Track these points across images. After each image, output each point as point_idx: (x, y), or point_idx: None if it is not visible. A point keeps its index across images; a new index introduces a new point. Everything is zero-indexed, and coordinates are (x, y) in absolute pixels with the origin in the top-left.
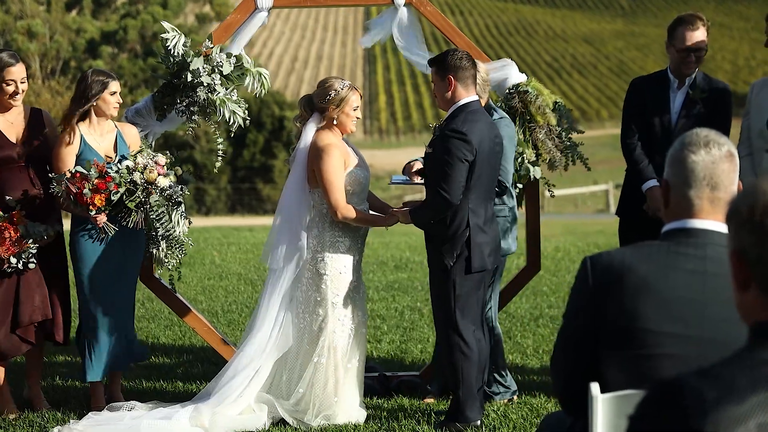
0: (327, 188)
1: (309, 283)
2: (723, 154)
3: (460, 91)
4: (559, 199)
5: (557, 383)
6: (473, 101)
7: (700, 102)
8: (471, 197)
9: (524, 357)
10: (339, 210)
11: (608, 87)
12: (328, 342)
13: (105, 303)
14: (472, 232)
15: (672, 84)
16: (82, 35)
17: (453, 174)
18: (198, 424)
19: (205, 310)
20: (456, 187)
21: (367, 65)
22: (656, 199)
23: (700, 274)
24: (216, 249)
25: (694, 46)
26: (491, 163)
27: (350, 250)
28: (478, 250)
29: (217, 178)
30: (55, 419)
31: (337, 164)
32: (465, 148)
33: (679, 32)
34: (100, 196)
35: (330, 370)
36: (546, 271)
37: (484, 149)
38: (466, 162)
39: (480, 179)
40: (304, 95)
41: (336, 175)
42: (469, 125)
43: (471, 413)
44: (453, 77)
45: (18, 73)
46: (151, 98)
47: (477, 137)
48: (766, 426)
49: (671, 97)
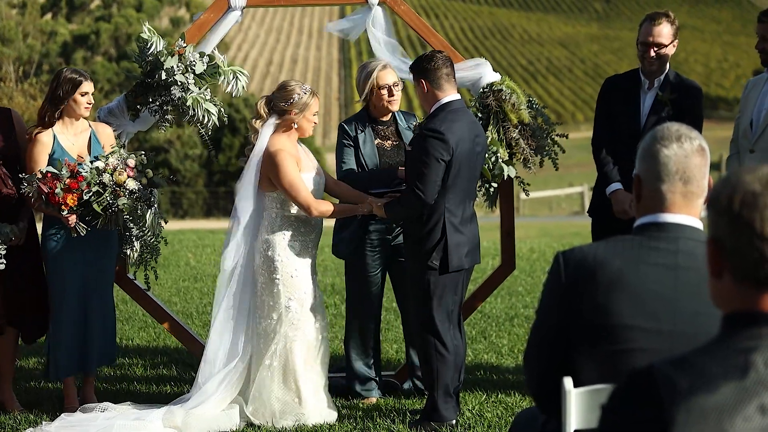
0: (291, 191)
1: (262, 288)
2: (695, 147)
3: (435, 92)
4: (535, 202)
5: (531, 380)
6: (454, 100)
7: (669, 104)
8: (448, 197)
9: (499, 357)
10: (312, 207)
11: (583, 90)
12: (281, 346)
13: (76, 304)
14: (448, 232)
15: (643, 84)
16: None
17: (428, 173)
18: (171, 425)
19: (180, 311)
20: (431, 186)
21: (342, 69)
22: (620, 202)
23: (672, 268)
24: (191, 251)
25: (654, 41)
26: (470, 163)
27: (302, 254)
28: (455, 250)
29: (193, 182)
30: (27, 421)
31: (292, 166)
32: (441, 148)
33: (643, 27)
34: (72, 195)
35: (287, 374)
36: (521, 271)
37: (463, 149)
38: (443, 162)
39: (457, 179)
40: (263, 96)
41: (294, 176)
42: (447, 125)
43: (446, 412)
44: (424, 80)
45: None
46: (123, 98)
47: (455, 137)
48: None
49: (641, 97)
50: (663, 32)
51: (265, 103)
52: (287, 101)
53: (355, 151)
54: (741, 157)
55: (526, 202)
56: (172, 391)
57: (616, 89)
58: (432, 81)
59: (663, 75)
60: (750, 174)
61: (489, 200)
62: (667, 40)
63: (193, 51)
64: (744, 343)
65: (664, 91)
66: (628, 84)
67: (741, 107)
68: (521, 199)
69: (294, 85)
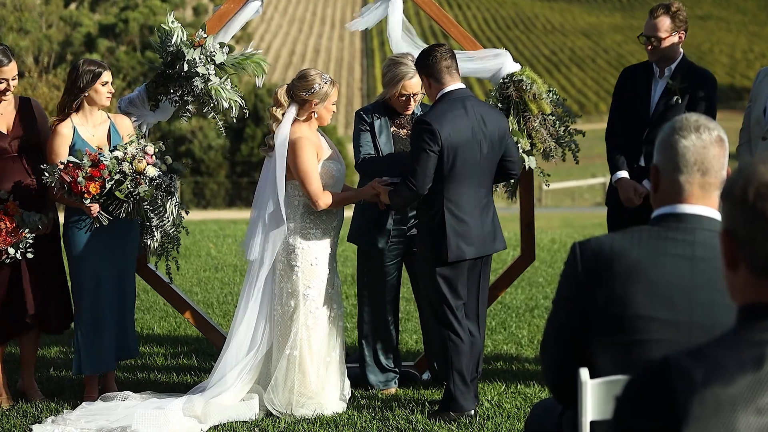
0: (304, 179)
1: (281, 275)
2: (713, 138)
3: (437, 85)
4: (556, 193)
5: (547, 371)
6: (456, 89)
7: (679, 92)
8: (447, 186)
9: (519, 347)
10: (319, 199)
11: (606, 80)
12: (300, 335)
13: (99, 296)
14: (447, 222)
15: (655, 73)
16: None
17: (418, 164)
18: (191, 413)
19: (201, 301)
20: (420, 176)
21: (364, 59)
22: (625, 190)
23: (689, 259)
24: (212, 241)
25: (649, 34)
26: (471, 151)
27: (322, 242)
28: (454, 240)
29: (215, 173)
30: (48, 409)
31: (311, 156)
32: (429, 139)
33: (646, 19)
34: (95, 183)
35: (306, 364)
36: (542, 262)
37: (458, 138)
38: (431, 152)
39: (456, 167)
40: (283, 85)
41: (311, 165)
42: (437, 115)
43: (464, 402)
44: (426, 75)
45: (10, 72)
46: (144, 88)
47: (448, 127)
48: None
49: (653, 85)
50: (659, 25)
51: (286, 92)
52: (308, 90)
53: (372, 138)
54: (753, 145)
55: (549, 193)
56: (193, 381)
57: (630, 78)
58: (432, 75)
59: (675, 64)
60: (765, 164)
61: (509, 191)
62: (665, 33)
63: (213, 42)
64: (759, 335)
65: (674, 79)
66: (642, 73)
67: (752, 96)
68: (543, 189)
69: (314, 75)
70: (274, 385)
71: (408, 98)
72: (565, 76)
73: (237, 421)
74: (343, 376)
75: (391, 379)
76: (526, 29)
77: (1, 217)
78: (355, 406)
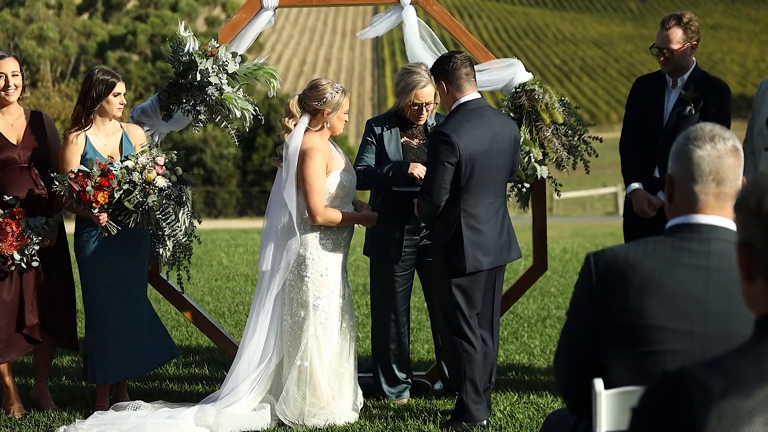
0: (308, 191)
1: (291, 285)
2: (728, 148)
3: (455, 92)
4: (568, 202)
5: (561, 381)
6: (473, 99)
7: (692, 102)
8: (464, 197)
9: (531, 357)
10: (318, 214)
11: (617, 90)
12: (310, 345)
13: (110, 305)
14: (464, 234)
15: (668, 83)
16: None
17: (434, 176)
18: (203, 423)
19: (213, 311)
20: (437, 188)
21: (375, 69)
22: (639, 202)
23: (704, 269)
24: (224, 251)
25: (662, 45)
26: (489, 162)
27: (333, 252)
28: (471, 252)
29: (227, 182)
30: (61, 419)
31: (320, 168)
32: (447, 151)
33: (658, 30)
34: (103, 193)
35: (317, 374)
36: (554, 272)
37: (476, 149)
38: (448, 164)
39: (472, 179)
40: (295, 96)
41: (317, 179)
42: (455, 126)
43: (477, 413)
44: (444, 81)
45: (6, 67)
46: (156, 98)
47: (466, 138)
48: None
49: (666, 96)
50: (671, 37)
51: (297, 102)
52: (320, 100)
53: (378, 150)
54: (756, 156)
55: (560, 202)
56: (204, 390)
57: (643, 88)
58: (451, 82)
59: (687, 73)
60: None
61: (521, 200)
62: (677, 44)
63: (225, 51)
64: None
65: (687, 89)
66: (654, 83)
67: (756, 106)
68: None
69: (326, 84)
70: (285, 396)
71: (420, 107)
72: (575, 85)
73: (249, 430)
74: (356, 386)
75: (404, 389)
76: (537, 39)
77: (8, 221)
78: (368, 416)
